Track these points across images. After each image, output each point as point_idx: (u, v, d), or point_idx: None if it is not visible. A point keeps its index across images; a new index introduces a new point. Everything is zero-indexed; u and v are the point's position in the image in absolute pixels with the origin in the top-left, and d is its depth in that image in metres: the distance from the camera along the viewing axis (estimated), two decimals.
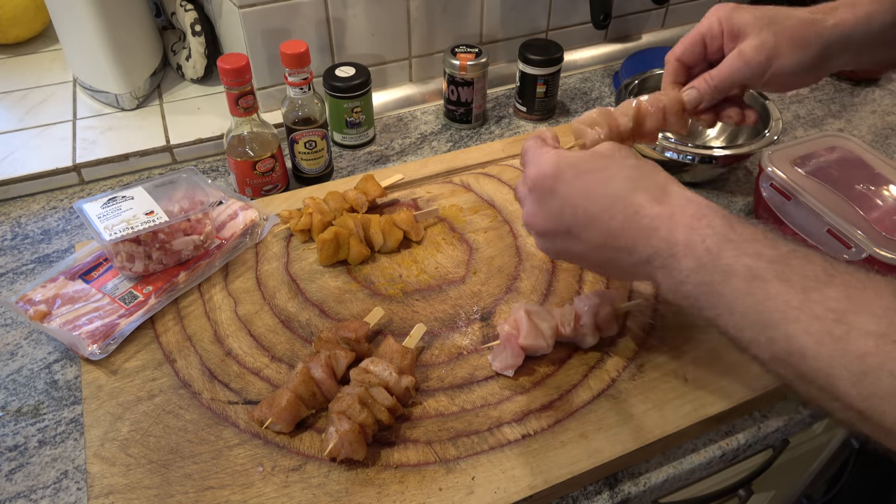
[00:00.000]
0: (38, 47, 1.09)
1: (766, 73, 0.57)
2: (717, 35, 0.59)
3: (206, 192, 0.70)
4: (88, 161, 0.85)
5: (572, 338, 0.63)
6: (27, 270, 0.75)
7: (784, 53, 0.55)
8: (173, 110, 0.94)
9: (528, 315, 0.60)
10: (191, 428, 0.57)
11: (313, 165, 0.84)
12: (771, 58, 0.56)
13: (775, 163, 0.76)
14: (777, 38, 0.55)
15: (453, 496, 0.52)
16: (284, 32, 0.87)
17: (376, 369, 0.58)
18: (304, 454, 0.55)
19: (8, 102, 0.96)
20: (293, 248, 0.74)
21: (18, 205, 0.83)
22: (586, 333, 0.62)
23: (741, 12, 0.57)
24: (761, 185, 0.78)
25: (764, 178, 0.78)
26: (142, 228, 0.64)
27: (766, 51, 0.56)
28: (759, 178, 0.79)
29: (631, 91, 0.90)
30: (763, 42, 0.56)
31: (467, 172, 0.84)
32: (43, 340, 0.67)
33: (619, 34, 1.15)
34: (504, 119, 1.00)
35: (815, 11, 0.56)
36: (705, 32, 0.59)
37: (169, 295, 0.67)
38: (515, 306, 0.62)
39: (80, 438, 0.59)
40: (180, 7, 0.93)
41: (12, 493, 0.55)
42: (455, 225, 0.77)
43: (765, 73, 0.57)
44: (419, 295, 0.69)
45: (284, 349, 0.64)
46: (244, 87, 0.73)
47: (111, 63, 0.89)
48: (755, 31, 0.56)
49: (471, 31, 1.00)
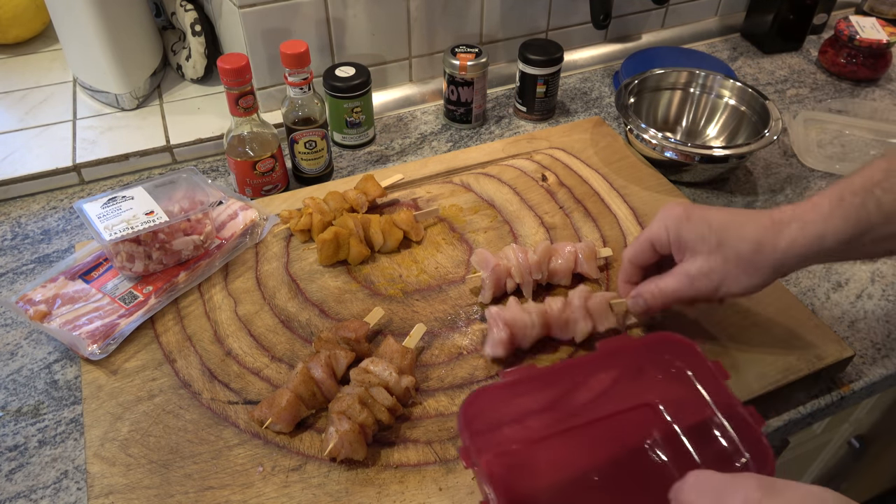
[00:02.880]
0: (38, 47, 1.09)
1: (714, 296, 0.56)
2: (664, 244, 0.57)
3: (206, 192, 0.70)
4: (88, 161, 0.85)
5: (563, 328, 0.61)
6: (27, 270, 0.75)
7: (733, 279, 0.54)
8: (173, 110, 0.94)
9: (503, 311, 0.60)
10: (191, 428, 0.57)
11: (313, 165, 0.84)
12: (719, 283, 0.54)
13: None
14: (726, 266, 0.54)
15: (453, 496, 0.52)
16: (284, 32, 0.87)
17: (376, 369, 0.58)
18: (304, 454, 0.55)
19: (8, 102, 0.96)
20: (293, 248, 0.74)
21: (18, 205, 0.83)
22: (577, 318, 0.60)
23: (690, 226, 0.55)
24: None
25: None
26: (142, 228, 0.64)
27: (714, 277, 0.54)
28: None
29: (631, 91, 0.90)
30: (711, 268, 0.54)
31: (467, 172, 0.84)
32: (43, 340, 0.67)
33: (619, 34, 1.15)
34: (504, 119, 1.00)
35: (766, 227, 0.53)
36: (654, 239, 0.58)
37: (169, 295, 0.67)
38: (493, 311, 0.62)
39: (80, 438, 0.59)
40: (180, 7, 0.93)
41: (12, 493, 0.55)
42: (455, 225, 0.77)
43: (713, 296, 0.56)
44: (419, 295, 0.69)
45: (284, 349, 0.64)
46: (244, 87, 0.73)
47: (111, 63, 0.89)
48: (703, 254, 0.54)
49: (471, 31, 1.00)
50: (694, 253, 0.55)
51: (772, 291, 0.68)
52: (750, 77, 1.11)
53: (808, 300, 0.72)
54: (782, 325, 0.65)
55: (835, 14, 1.27)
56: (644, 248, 0.59)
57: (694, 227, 0.55)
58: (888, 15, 1.21)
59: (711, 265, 0.54)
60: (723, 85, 0.93)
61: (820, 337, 0.64)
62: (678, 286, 0.56)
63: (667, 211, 0.57)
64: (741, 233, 0.53)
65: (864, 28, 1.07)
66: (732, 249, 0.53)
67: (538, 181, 0.83)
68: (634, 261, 0.61)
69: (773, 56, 1.17)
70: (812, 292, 0.73)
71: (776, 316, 0.66)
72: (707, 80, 0.93)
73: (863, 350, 0.68)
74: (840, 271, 0.76)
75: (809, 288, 0.74)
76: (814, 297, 0.73)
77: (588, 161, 0.86)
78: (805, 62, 1.15)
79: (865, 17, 1.11)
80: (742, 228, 0.53)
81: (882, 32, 1.06)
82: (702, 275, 0.55)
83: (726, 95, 0.92)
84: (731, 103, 0.92)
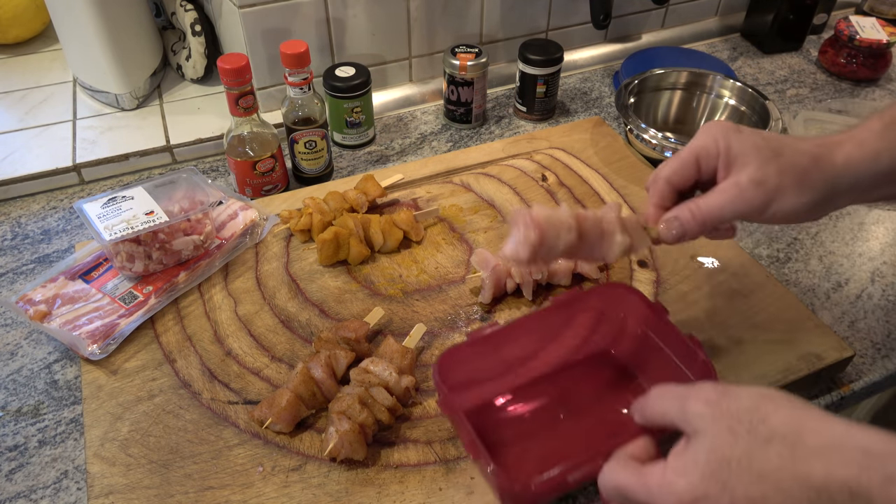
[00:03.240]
0: (38, 47, 1.09)
1: (764, 213, 0.50)
2: (713, 156, 0.51)
3: (206, 192, 0.70)
4: (88, 161, 0.85)
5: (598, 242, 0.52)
6: (27, 270, 0.75)
7: (787, 194, 0.49)
8: (173, 110, 0.94)
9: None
10: (191, 428, 0.57)
11: (313, 165, 0.84)
12: (772, 197, 0.49)
13: None
14: (781, 177, 0.48)
15: (453, 496, 0.52)
16: (284, 32, 0.87)
17: (376, 369, 0.58)
18: (304, 454, 0.55)
19: (8, 102, 0.96)
20: (293, 248, 0.74)
21: (18, 205, 0.83)
22: (615, 231, 0.52)
23: (742, 136, 0.50)
24: None
25: None
26: (142, 228, 0.64)
27: (767, 189, 0.48)
28: None
29: (631, 91, 0.90)
30: (765, 178, 0.48)
31: (467, 172, 0.84)
32: (43, 340, 0.67)
33: (619, 34, 1.15)
34: (504, 119, 1.00)
35: (821, 145, 0.49)
36: (700, 152, 0.51)
37: (169, 295, 0.67)
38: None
39: (80, 438, 0.59)
40: (180, 7, 0.93)
41: (12, 493, 0.55)
42: (455, 225, 0.77)
43: (763, 212, 0.50)
44: (419, 295, 0.69)
45: (284, 349, 0.64)
46: (244, 87, 0.73)
47: (111, 63, 0.89)
48: (757, 164, 0.49)
49: (471, 31, 1.00)
50: (745, 165, 0.49)
51: (772, 291, 0.68)
52: (750, 77, 1.11)
53: (808, 300, 0.72)
54: (782, 325, 0.65)
55: (835, 14, 1.27)
56: (688, 162, 0.52)
57: (747, 138, 0.50)
58: (888, 15, 1.21)
59: (766, 173, 0.48)
60: (723, 85, 0.93)
61: (820, 337, 0.64)
62: (724, 200, 0.50)
63: (712, 125, 0.52)
64: (798, 146, 0.50)
65: (864, 28, 1.07)
66: (789, 160, 0.49)
67: (538, 181, 0.83)
68: (673, 179, 0.53)
69: (773, 56, 1.17)
70: (812, 292, 0.73)
71: (776, 316, 0.66)
72: (707, 80, 0.93)
73: (863, 350, 0.68)
74: (840, 271, 0.76)
75: (809, 288, 0.74)
76: (814, 297, 0.73)
77: (588, 161, 0.86)
78: (805, 62, 1.15)
79: (865, 17, 1.11)
80: (798, 142, 0.50)
81: (882, 32, 1.06)
82: (754, 184, 0.49)
83: (726, 95, 0.92)
84: (731, 103, 0.92)
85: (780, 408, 0.40)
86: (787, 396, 0.41)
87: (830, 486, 0.37)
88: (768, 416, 0.40)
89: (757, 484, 0.39)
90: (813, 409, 0.41)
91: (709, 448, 0.40)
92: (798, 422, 0.40)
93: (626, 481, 0.44)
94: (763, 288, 0.69)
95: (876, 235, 0.81)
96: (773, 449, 0.39)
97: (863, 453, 0.37)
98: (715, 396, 0.42)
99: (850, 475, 0.37)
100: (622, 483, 0.44)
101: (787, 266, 0.76)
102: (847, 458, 0.37)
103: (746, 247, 0.79)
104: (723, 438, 0.40)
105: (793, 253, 0.78)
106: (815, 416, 0.40)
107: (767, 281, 0.70)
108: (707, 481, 0.40)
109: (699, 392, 0.43)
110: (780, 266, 0.76)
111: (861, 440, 0.38)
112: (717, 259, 0.72)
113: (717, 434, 0.41)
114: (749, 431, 0.40)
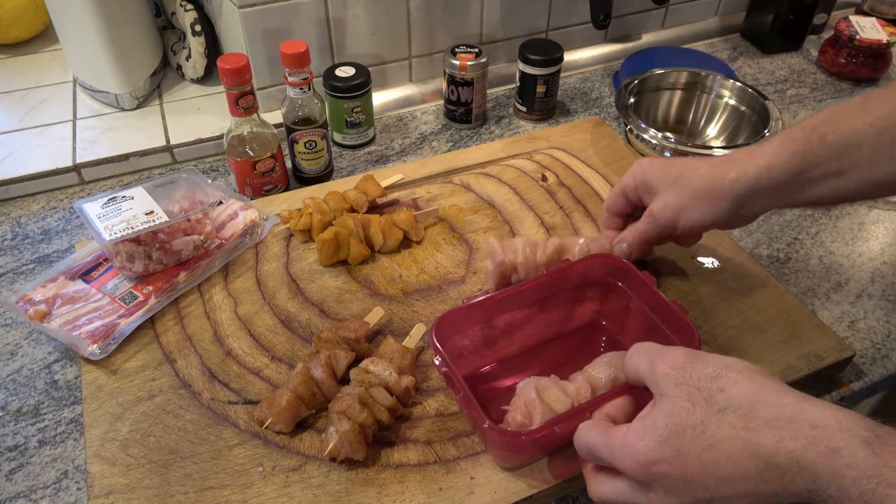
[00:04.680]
0: (38, 47, 1.09)
1: (676, 228, 0.61)
2: (633, 189, 0.63)
3: (206, 192, 0.70)
4: (88, 161, 0.85)
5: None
6: (27, 270, 0.75)
7: (690, 210, 0.59)
8: (173, 110, 0.94)
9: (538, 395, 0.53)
10: (191, 428, 0.57)
11: (313, 165, 0.84)
12: (678, 215, 0.60)
13: None
14: (682, 198, 0.59)
15: (453, 496, 0.52)
16: (284, 32, 0.87)
17: (376, 369, 0.58)
18: (304, 454, 0.55)
19: (8, 102, 0.96)
20: (293, 248, 0.74)
21: (18, 205, 0.83)
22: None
23: (654, 170, 0.62)
24: None
25: None
26: (142, 228, 0.64)
27: (671, 209, 0.60)
28: None
29: (631, 91, 0.90)
30: (668, 202, 0.60)
31: (467, 172, 0.84)
32: (43, 340, 0.67)
33: (619, 34, 1.15)
34: (504, 119, 1.00)
35: (715, 166, 0.59)
36: (624, 188, 0.64)
37: (169, 295, 0.67)
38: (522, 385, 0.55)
39: (80, 438, 0.59)
40: (180, 7, 0.93)
41: (12, 493, 0.55)
42: (455, 225, 0.77)
43: (675, 228, 0.61)
44: (419, 295, 0.69)
45: (284, 349, 0.64)
46: (244, 87, 0.73)
47: (111, 63, 0.89)
48: (662, 190, 0.61)
49: (471, 31, 1.00)
50: (656, 192, 0.61)
51: (772, 291, 0.68)
52: (750, 77, 1.11)
53: (808, 300, 0.72)
54: (782, 325, 0.65)
55: (835, 14, 1.27)
56: (617, 195, 0.65)
57: (656, 170, 0.61)
58: (888, 15, 1.21)
59: (668, 199, 0.60)
60: (723, 85, 0.93)
61: (820, 337, 0.64)
62: (646, 225, 0.62)
63: (639, 162, 0.63)
64: (696, 168, 0.60)
65: (864, 28, 1.07)
66: (687, 182, 0.59)
67: (538, 181, 0.83)
68: (610, 209, 0.66)
69: (773, 56, 1.17)
70: (812, 292, 0.73)
71: (776, 316, 0.66)
72: (707, 80, 0.94)
73: (863, 350, 0.68)
74: (840, 271, 0.76)
75: (809, 288, 0.74)
76: (814, 297, 0.73)
77: (588, 161, 0.86)
78: (805, 62, 1.15)
79: (865, 17, 1.11)
80: (698, 165, 0.60)
81: (882, 32, 1.06)
82: (662, 209, 0.60)
83: (726, 95, 0.92)
84: (731, 103, 0.92)
85: (740, 379, 0.43)
86: (750, 368, 0.44)
87: (779, 457, 0.39)
88: (727, 387, 0.42)
89: (709, 451, 0.41)
90: (772, 381, 0.43)
91: (668, 413, 0.43)
92: (755, 394, 0.42)
93: (594, 440, 0.46)
94: (763, 288, 0.69)
95: (876, 235, 0.81)
96: (727, 419, 0.41)
97: (811, 426, 0.39)
98: (682, 361, 0.45)
99: (797, 447, 0.39)
100: (590, 441, 0.47)
101: (787, 266, 0.76)
102: (797, 431, 0.39)
103: (746, 247, 0.79)
104: (682, 405, 0.43)
105: (793, 253, 0.78)
106: (772, 388, 0.42)
107: (767, 281, 0.70)
108: (663, 445, 0.42)
109: (669, 354, 0.46)
110: (780, 266, 0.76)
111: (812, 414, 0.40)
112: (717, 259, 0.72)
113: (676, 400, 0.43)
114: (706, 400, 0.42)
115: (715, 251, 0.73)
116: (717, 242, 0.74)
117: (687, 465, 0.42)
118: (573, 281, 0.63)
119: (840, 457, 0.38)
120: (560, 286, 0.62)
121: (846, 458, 0.37)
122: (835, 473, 0.38)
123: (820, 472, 0.38)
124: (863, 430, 0.38)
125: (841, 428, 0.39)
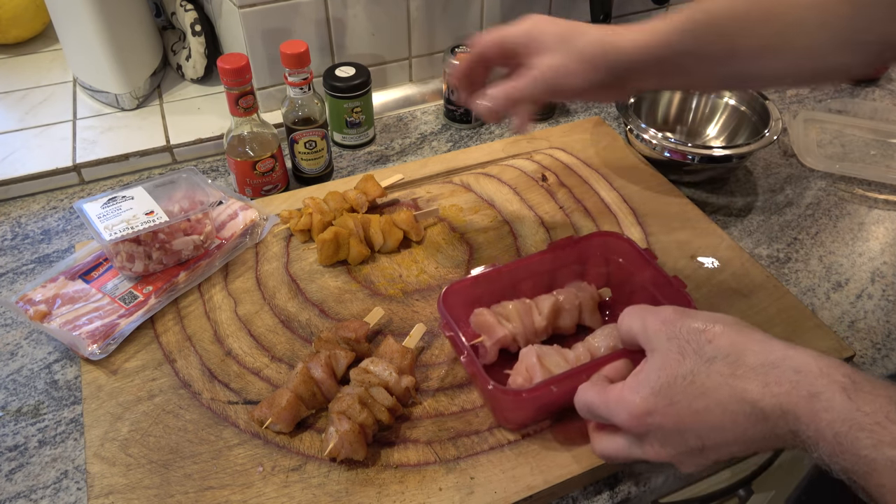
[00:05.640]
0: (38, 47, 1.09)
1: (557, 92, 0.57)
2: (515, 41, 0.59)
3: (206, 192, 0.70)
4: (88, 161, 0.85)
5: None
6: (27, 270, 0.75)
7: (575, 75, 0.56)
8: (173, 110, 0.94)
9: (539, 360, 0.56)
10: (191, 428, 0.57)
11: (313, 165, 0.84)
12: (562, 77, 0.56)
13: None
14: (569, 59, 0.56)
15: (453, 496, 0.52)
16: (284, 32, 0.87)
17: (376, 369, 0.58)
18: (304, 454, 0.55)
19: (8, 102, 0.96)
20: (293, 248, 0.74)
21: (18, 205, 0.83)
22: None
23: (546, 24, 0.58)
24: None
25: None
26: (142, 228, 0.64)
27: (555, 71, 0.56)
28: None
29: None
30: (553, 62, 0.56)
31: (467, 172, 0.84)
32: (43, 340, 0.67)
33: None
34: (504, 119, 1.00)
35: (611, 32, 0.56)
36: (507, 38, 0.60)
37: (169, 295, 0.67)
38: (525, 351, 0.57)
39: (80, 438, 0.59)
40: (180, 7, 0.93)
41: (12, 493, 0.55)
42: (455, 225, 0.77)
43: (556, 91, 0.57)
44: (419, 295, 0.69)
45: (284, 349, 0.64)
46: (244, 87, 0.73)
47: (111, 63, 0.89)
48: (550, 49, 0.57)
49: (471, 31, 1.00)
50: (542, 50, 0.57)
51: (772, 291, 0.68)
52: None
53: (808, 300, 0.72)
54: (782, 325, 0.65)
55: None
56: (494, 45, 0.60)
57: (547, 25, 0.58)
58: None
59: (555, 60, 0.56)
60: None
61: (820, 337, 0.64)
62: (525, 83, 0.57)
63: (527, 16, 0.60)
64: (589, 33, 0.56)
65: None
66: (578, 45, 0.56)
67: (538, 181, 0.83)
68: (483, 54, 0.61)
69: None
70: (812, 292, 0.73)
71: (776, 316, 0.66)
72: None
73: (863, 350, 0.68)
74: (840, 271, 0.76)
75: (809, 288, 0.74)
76: (814, 297, 0.73)
77: (588, 161, 0.86)
78: None
79: None
80: (587, 29, 0.57)
81: None
82: (546, 68, 0.56)
83: (726, 95, 0.92)
84: (731, 103, 0.92)
85: (726, 330, 0.45)
86: (735, 321, 0.47)
87: (764, 402, 0.41)
88: (715, 338, 0.45)
89: (700, 399, 0.43)
90: (758, 332, 0.45)
91: (659, 366, 0.45)
92: (741, 343, 0.44)
93: (592, 398, 0.49)
94: (763, 288, 0.69)
95: (876, 235, 0.81)
96: (715, 367, 0.44)
97: (795, 371, 0.41)
98: (672, 317, 0.47)
99: (781, 392, 0.41)
100: (589, 400, 0.49)
101: (787, 266, 0.76)
102: (781, 376, 0.42)
103: (746, 247, 0.79)
104: (672, 357, 0.45)
105: (793, 253, 0.78)
106: (758, 338, 0.44)
107: (767, 281, 0.70)
108: (656, 397, 0.45)
109: (660, 312, 0.48)
110: (780, 266, 0.76)
111: (795, 360, 0.42)
112: (717, 259, 0.72)
113: (668, 353, 0.45)
114: (696, 351, 0.45)
115: (715, 251, 0.73)
116: (717, 242, 0.74)
117: (679, 413, 0.44)
118: (577, 255, 0.65)
119: (819, 401, 0.40)
120: (563, 262, 0.65)
121: (824, 402, 0.40)
122: (813, 416, 0.40)
123: (800, 414, 0.40)
124: (841, 377, 0.40)
125: (822, 373, 0.41)
